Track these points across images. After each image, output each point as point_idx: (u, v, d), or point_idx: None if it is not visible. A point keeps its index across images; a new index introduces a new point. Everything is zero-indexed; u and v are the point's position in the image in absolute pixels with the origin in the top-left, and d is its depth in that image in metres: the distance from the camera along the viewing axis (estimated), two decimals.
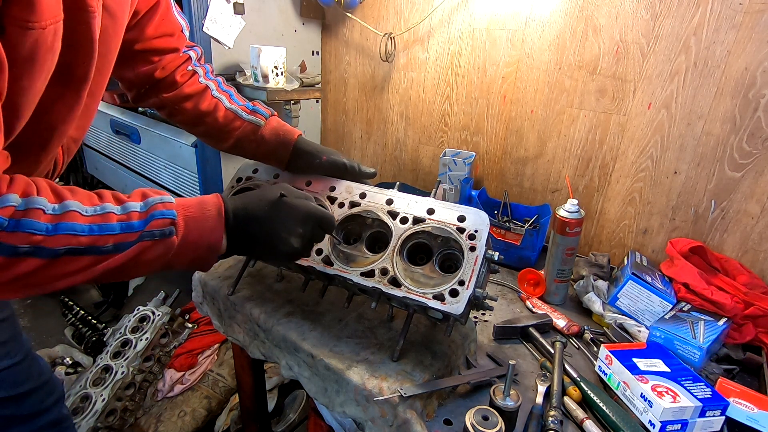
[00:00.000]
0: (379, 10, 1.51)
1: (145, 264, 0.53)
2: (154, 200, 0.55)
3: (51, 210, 0.48)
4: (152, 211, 0.53)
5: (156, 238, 0.53)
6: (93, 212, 0.50)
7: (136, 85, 0.81)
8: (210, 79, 0.85)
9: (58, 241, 0.47)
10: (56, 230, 0.47)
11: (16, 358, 0.82)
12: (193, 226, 0.56)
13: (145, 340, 1.52)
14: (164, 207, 0.54)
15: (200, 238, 0.57)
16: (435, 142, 1.53)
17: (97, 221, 0.50)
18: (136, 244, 0.52)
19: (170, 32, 0.77)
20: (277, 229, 0.63)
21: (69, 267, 0.49)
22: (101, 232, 0.50)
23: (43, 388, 0.86)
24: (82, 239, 0.48)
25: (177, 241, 0.54)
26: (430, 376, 0.72)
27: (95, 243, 0.49)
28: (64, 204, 0.49)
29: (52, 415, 0.87)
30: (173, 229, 0.54)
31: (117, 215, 0.52)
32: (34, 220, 0.46)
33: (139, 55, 0.75)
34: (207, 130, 0.85)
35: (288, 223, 0.64)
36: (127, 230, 0.52)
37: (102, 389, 1.40)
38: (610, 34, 1.11)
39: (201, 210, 0.58)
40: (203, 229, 0.57)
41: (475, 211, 0.74)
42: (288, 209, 0.65)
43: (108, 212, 0.51)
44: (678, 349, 0.82)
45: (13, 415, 0.82)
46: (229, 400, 1.49)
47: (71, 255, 0.48)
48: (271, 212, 0.64)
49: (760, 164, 0.98)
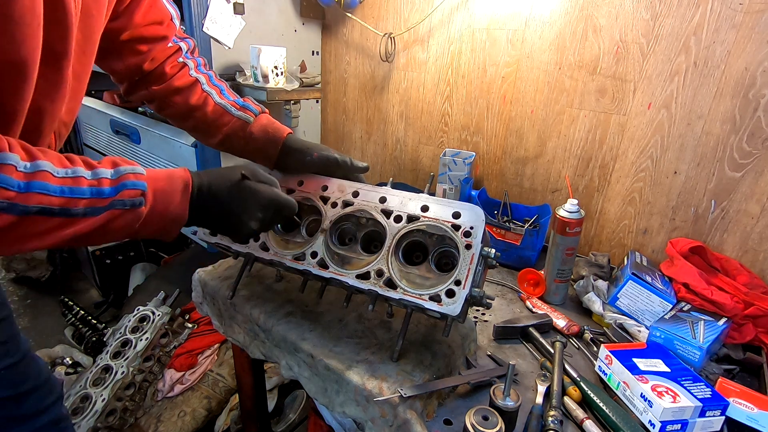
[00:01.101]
0: (379, 10, 1.51)
1: (112, 232, 0.54)
2: (126, 169, 0.55)
3: (23, 168, 0.47)
4: (123, 180, 0.54)
5: (126, 207, 0.54)
6: (64, 174, 0.50)
7: (127, 78, 0.80)
8: (201, 73, 0.84)
9: (30, 198, 0.47)
10: (28, 188, 0.47)
11: (15, 357, 0.82)
12: (160, 199, 0.57)
13: (145, 340, 1.52)
14: (135, 178, 0.55)
15: (166, 211, 0.58)
16: (435, 142, 1.53)
17: (68, 183, 0.50)
18: (105, 212, 0.52)
19: (159, 20, 0.76)
20: (237, 211, 0.66)
21: (39, 227, 0.49)
22: (72, 194, 0.50)
23: (42, 387, 0.86)
24: (53, 200, 0.49)
25: (145, 212, 0.55)
26: (430, 376, 0.72)
27: (66, 205, 0.50)
28: (36, 163, 0.49)
29: (51, 415, 0.86)
30: (143, 200, 0.55)
31: (88, 180, 0.52)
32: (6, 175, 0.46)
33: (128, 46, 0.74)
34: (196, 124, 0.84)
35: (248, 207, 0.67)
36: (97, 196, 0.52)
37: (102, 389, 1.40)
38: (610, 34, 1.11)
39: (169, 183, 0.59)
40: (170, 203, 0.59)
41: (470, 207, 0.73)
42: (249, 193, 0.67)
43: (79, 176, 0.51)
44: (678, 349, 0.82)
45: (12, 415, 0.81)
46: (229, 400, 1.49)
47: (43, 215, 0.48)
48: (232, 194, 0.66)
49: (760, 164, 0.98)
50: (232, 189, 0.66)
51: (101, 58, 0.76)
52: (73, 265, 2.41)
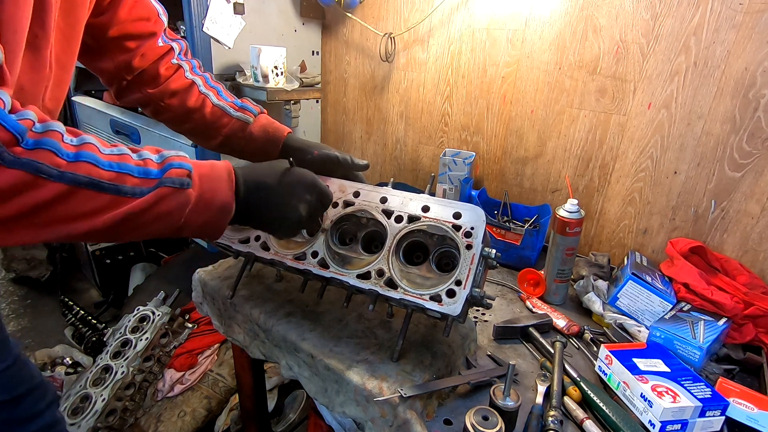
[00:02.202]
0: (379, 10, 1.51)
1: (163, 215, 0.51)
2: (169, 153, 0.54)
3: (70, 140, 0.46)
4: (169, 161, 0.53)
5: (175, 185, 0.51)
6: (110, 152, 0.49)
7: (117, 78, 0.79)
8: (197, 75, 0.83)
9: (81, 167, 0.45)
10: (78, 157, 0.45)
11: (6, 362, 0.81)
12: (206, 184, 0.56)
13: (145, 340, 1.52)
14: (180, 159, 0.54)
15: (213, 197, 0.56)
16: (435, 142, 1.53)
17: (115, 159, 0.48)
18: (156, 190, 0.50)
19: (145, 16, 0.75)
20: (286, 195, 0.65)
21: (89, 204, 0.46)
22: (121, 170, 0.48)
23: (36, 390, 0.85)
24: (103, 173, 0.47)
25: (193, 196, 0.53)
26: (430, 376, 0.72)
27: (116, 180, 0.47)
28: (81, 137, 0.47)
29: (46, 418, 0.86)
30: (190, 181, 0.53)
31: (134, 159, 0.51)
32: (55, 140, 0.44)
33: (115, 42, 0.74)
34: (194, 127, 0.84)
35: (297, 189, 0.66)
36: (145, 175, 0.50)
37: (102, 389, 1.40)
38: (610, 34, 1.11)
39: (212, 169, 0.58)
40: (216, 189, 0.57)
41: (470, 207, 0.74)
42: (297, 176, 0.67)
43: (125, 154, 0.50)
44: (678, 349, 0.82)
45: (6, 419, 0.81)
46: (229, 400, 1.49)
47: (93, 189, 0.46)
48: (281, 178, 0.65)
49: (760, 164, 0.98)
50: (281, 174, 0.66)
51: (90, 58, 0.76)
52: (73, 265, 2.41)
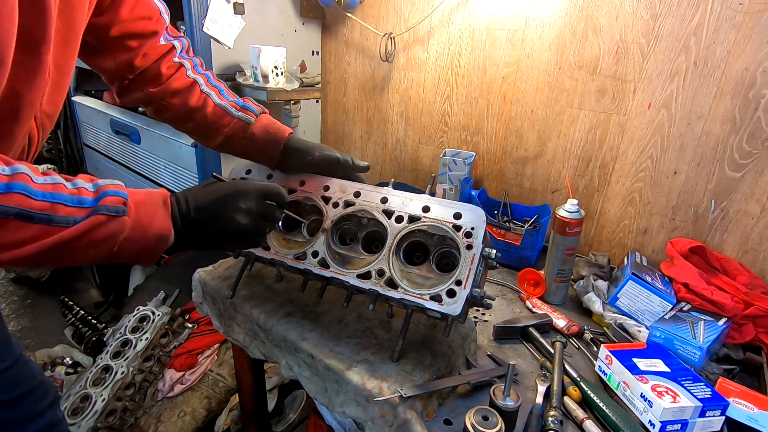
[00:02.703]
0: (379, 10, 1.51)
1: (95, 244, 0.52)
2: (104, 181, 0.55)
3: (1, 170, 0.46)
4: (104, 190, 0.53)
5: (110, 213, 0.52)
6: (44, 181, 0.49)
7: (118, 77, 0.78)
8: (198, 73, 0.83)
9: (10, 199, 0.45)
10: (9, 188, 0.45)
11: (7, 362, 0.80)
12: (142, 211, 0.56)
13: (145, 340, 1.52)
14: (115, 188, 0.54)
15: (150, 223, 0.56)
16: (435, 142, 1.53)
17: (48, 189, 0.48)
18: (89, 218, 0.50)
19: (147, 15, 0.75)
20: (221, 209, 0.64)
21: (17, 234, 0.46)
22: (53, 199, 0.48)
23: (36, 391, 0.84)
24: (34, 203, 0.47)
25: (128, 223, 0.54)
26: (430, 376, 0.72)
27: (47, 210, 0.48)
28: (14, 167, 0.47)
29: (46, 418, 0.85)
30: (125, 208, 0.53)
31: (68, 188, 0.51)
32: None
33: (117, 42, 0.73)
34: (195, 126, 0.83)
35: (230, 201, 0.65)
36: (78, 204, 0.50)
37: (102, 389, 1.40)
38: (610, 34, 1.11)
39: (148, 196, 0.58)
40: (152, 216, 0.57)
41: (471, 208, 0.74)
42: (228, 188, 0.66)
43: (59, 183, 0.50)
44: (678, 349, 0.82)
45: (7, 418, 0.81)
46: (229, 400, 1.49)
47: (21, 219, 0.46)
48: (213, 194, 0.65)
49: (760, 164, 0.98)
50: (212, 190, 0.65)
51: (92, 56, 0.75)
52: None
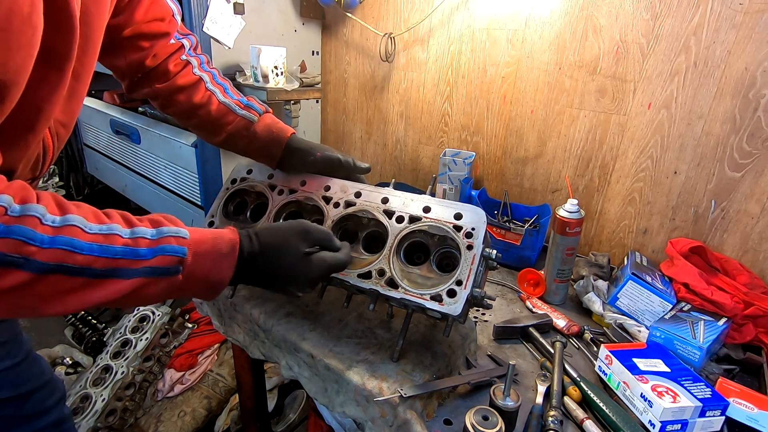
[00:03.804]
0: (379, 10, 1.51)
1: (143, 299, 0.50)
2: (168, 231, 0.51)
3: (50, 221, 0.43)
4: (162, 244, 0.50)
5: (161, 275, 0.50)
6: (98, 230, 0.46)
7: (128, 75, 0.79)
8: (205, 71, 0.84)
9: (51, 254, 0.43)
10: (52, 243, 0.43)
11: (17, 358, 0.82)
12: (201, 263, 0.53)
13: (145, 340, 1.52)
14: (177, 242, 0.51)
15: (207, 276, 0.55)
16: (435, 142, 1.53)
17: (99, 240, 0.46)
18: (136, 278, 0.48)
19: (160, 17, 0.76)
20: (289, 284, 0.63)
21: (58, 287, 0.44)
22: (102, 253, 0.46)
23: (45, 388, 0.86)
24: (78, 257, 0.44)
25: (181, 280, 0.52)
26: (430, 377, 0.72)
27: (91, 264, 0.45)
28: (65, 217, 0.45)
29: (53, 415, 0.87)
30: (180, 267, 0.51)
31: (123, 238, 0.48)
32: (29, 227, 0.42)
33: (129, 42, 0.74)
34: (199, 122, 0.84)
35: (301, 279, 0.63)
36: (131, 256, 0.48)
37: (102, 389, 1.40)
38: (610, 34, 1.11)
39: (214, 246, 0.55)
40: (212, 268, 0.55)
41: (471, 209, 0.74)
42: (306, 268, 0.63)
43: (114, 234, 0.47)
44: (678, 349, 0.82)
45: (14, 415, 0.81)
46: (229, 400, 1.49)
47: (63, 273, 0.44)
48: (286, 265, 0.62)
49: (760, 164, 0.98)
50: (288, 260, 0.62)
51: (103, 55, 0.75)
52: None
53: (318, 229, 0.66)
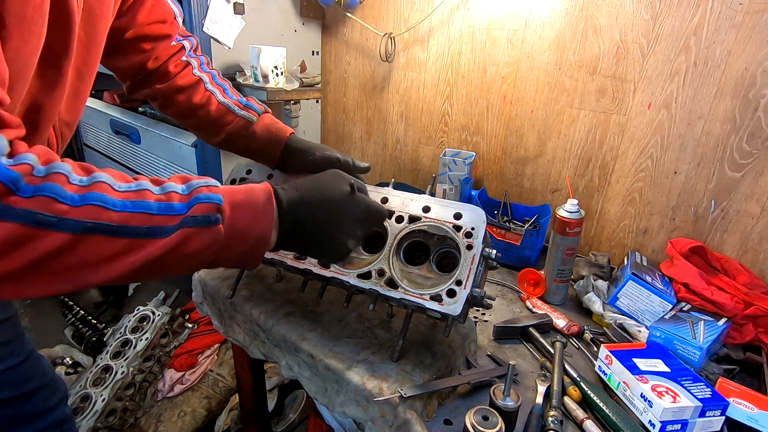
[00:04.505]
0: (379, 10, 1.51)
1: (189, 257, 0.47)
2: (198, 183, 0.49)
3: (77, 181, 0.42)
4: (196, 194, 0.48)
5: (201, 224, 0.47)
6: (127, 188, 0.44)
7: (130, 76, 0.80)
8: (204, 72, 0.84)
9: (85, 212, 0.40)
10: (84, 200, 0.40)
11: (19, 358, 0.82)
12: (241, 214, 0.50)
13: (145, 340, 1.52)
14: (209, 191, 0.49)
15: (249, 228, 0.51)
16: (435, 142, 1.53)
17: (131, 197, 0.44)
18: (177, 231, 0.45)
19: (162, 19, 0.76)
20: (335, 230, 0.60)
21: (101, 250, 0.42)
22: (136, 209, 0.43)
23: (47, 387, 0.86)
24: (113, 215, 0.42)
25: (223, 231, 0.49)
26: (430, 377, 0.72)
27: (129, 222, 0.42)
28: (93, 176, 0.43)
29: (55, 415, 0.87)
30: (219, 216, 0.48)
31: (155, 194, 0.46)
32: (57, 185, 0.40)
33: (131, 44, 0.74)
34: (198, 122, 0.84)
35: (348, 223, 0.60)
36: (167, 212, 0.45)
37: (102, 389, 1.40)
38: (610, 34, 1.11)
39: (249, 195, 0.53)
40: (252, 218, 0.52)
41: (471, 208, 0.74)
42: (351, 208, 0.61)
43: (144, 189, 0.45)
44: (678, 349, 0.82)
45: (16, 415, 0.82)
46: (229, 400, 1.49)
47: (101, 233, 0.41)
48: (332, 211, 0.59)
49: (760, 164, 0.98)
50: (333, 204, 0.59)
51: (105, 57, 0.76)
52: None
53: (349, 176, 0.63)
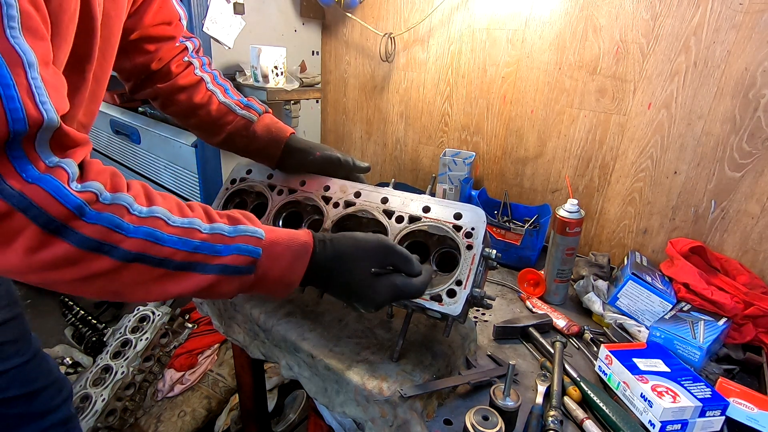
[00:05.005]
0: (379, 10, 1.51)
1: (217, 294, 0.52)
2: (246, 230, 0.53)
3: (137, 211, 0.46)
4: (238, 243, 0.51)
5: (235, 273, 0.51)
6: (180, 224, 0.48)
7: (134, 76, 0.80)
8: (206, 72, 0.84)
9: (135, 244, 0.45)
10: (137, 233, 0.45)
11: (26, 356, 0.82)
12: (274, 266, 0.54)
13: (145, 340, 1.52)
14: (252, 242, 0.52)
15: (279, 278, 0.56)
16: (435, 142, 1.53)
17: (180, 234, 0.48)
18: (212, 275, 0.50)
19: (168, 20, 0.77)
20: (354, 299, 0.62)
21: (141, 276, 0.46)
22: (182, 246, 0.48)
23: (52, 386, 0.86)
24: (161, 249, 0.46)
25: (253, 279, 0.53)
26: (430, 377, 0.72)
27: (173, 256, 0.47)
28: (152, 209, 0.47)
29: (60, 413, 0.87)
30: (253, 268, 0.52)
31: (202, 234, 0.50)
32: (117, 216, 0.44)
33: (136, 45, 0.75)
34: (199, 122, 0.84)
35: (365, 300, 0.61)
36: (208, 251, 0.49)
37: (102, 389, 1.40)
38: (610, 34, 1.11)
39: (288, 247, 0.56)
40: (283, 271, 0.55)
41: (471, 208, 0.74)
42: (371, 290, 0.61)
43: (194, 228, 0.49)
44: (678, 349, 0.82)
45: (23, 413, 0.82)
46: (229, 400, 1.49)
47: (145, 263, 0.46)
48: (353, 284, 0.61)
49: (760, 164, 0.98)
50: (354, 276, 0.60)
51: None
52: None
53: (399, 250, 0.63)
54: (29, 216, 0.40)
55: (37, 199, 0.40)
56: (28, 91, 0.39)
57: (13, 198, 0.39)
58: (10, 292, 0.83)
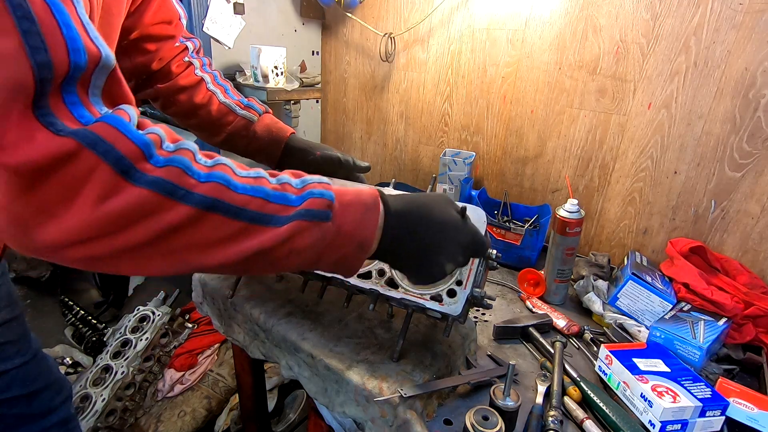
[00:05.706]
0: (379, 10, 1.51)
1: (297, 252, 0.46)
2: (311, 179, 0.49)
3: (203, 161, 0.43)
4: (309, 189, 0.48)
5: (313, 219, 0.46)
6: (246, 174, 0.45)
7: (134, 76, 0.80)
8: (206, 72, 0.85)
9: (211, 188, 0.41)
10: (209, 177, 0.41)
11: (26, 356, 0.82)
12: (349, 214, 0.49)
13: (145, 340, 1.52)
14: (322, 187, 0.48)
15: (355, 230, 0.50)
16: (435, 142, 1.53)
17: (250, 182, 0.44)
18: (291, 222, 0.45)
19: (168, 19, 0.77)
20: (436, 251, 0.55)
21: (218, 231, 0.42)
22: (255, 193, 0.44)
23: (52, 386, 0.86)
24: (234, 195, 0.42)
25: (332, 228, 0.48)
26: (430, 377, 0.72)
27: (247, 205, 0.43)
28: (216, 159, 0.44)
29: (60, 414, 0.87)
30: (329, 213, 0.47)
31: (271, 183, 0.46)
32: (187, 159, 0.41)
33: (136, 45, 0.75)
34: (200, 122, 0.85)
35: (451, 248, 0.56)
36: (282, 201, 0.45)
37: (102, 389, 1.40)
38: (610, 34, 1.11)
39: (357, 197, 0.51)
40: (359, 220, 0.50)
41: (472, 209, 0.73)
42: (458, 233, 0.56)
43: (262, 177, 0.46)
44: (678, 349, 0.82)
45: (23, 413, 0.82)
46: (229, 400, 1.49)
47: (222, 213, 0.42)
48: (437, 231, 0.55)
49: (760, 164, 0.98)
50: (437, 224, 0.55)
51: None
52: None
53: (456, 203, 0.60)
54: (98, 152, 0.36)
55: (105, 134, 0.36)
56: (82, 25, 0.36)
57: (79, 134, 0.35)
58: (10, 293, 0.83)
